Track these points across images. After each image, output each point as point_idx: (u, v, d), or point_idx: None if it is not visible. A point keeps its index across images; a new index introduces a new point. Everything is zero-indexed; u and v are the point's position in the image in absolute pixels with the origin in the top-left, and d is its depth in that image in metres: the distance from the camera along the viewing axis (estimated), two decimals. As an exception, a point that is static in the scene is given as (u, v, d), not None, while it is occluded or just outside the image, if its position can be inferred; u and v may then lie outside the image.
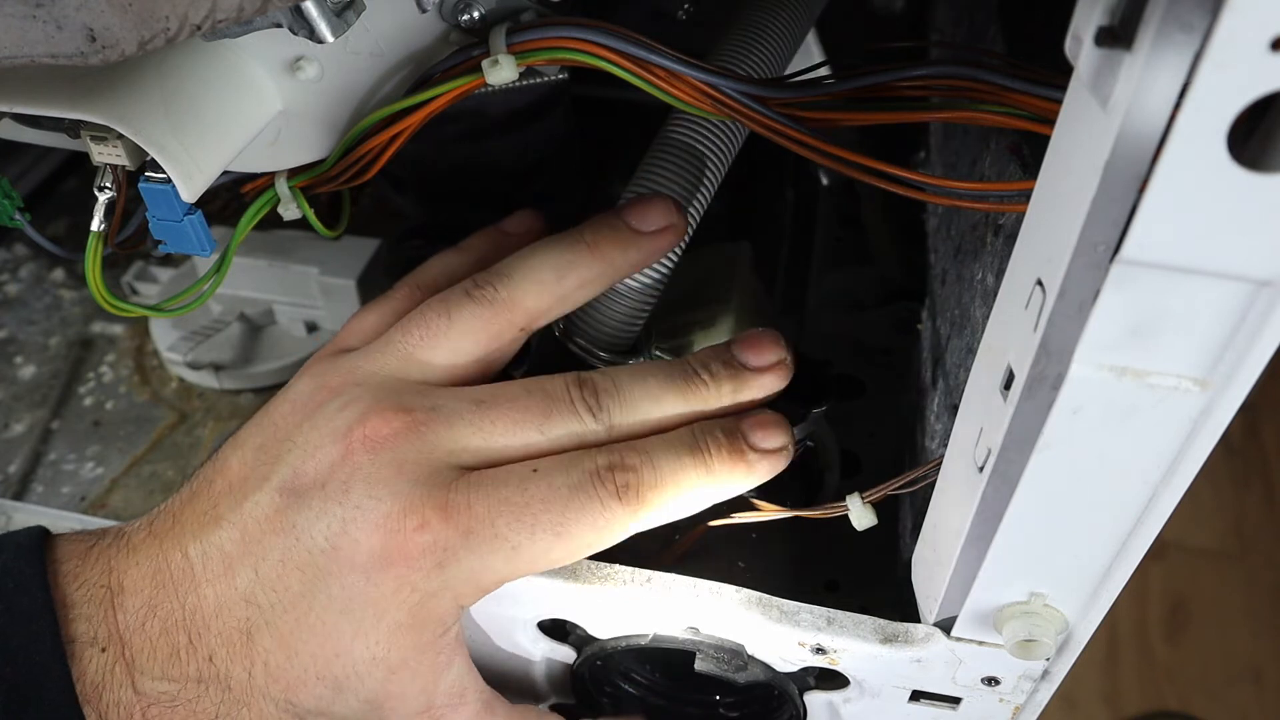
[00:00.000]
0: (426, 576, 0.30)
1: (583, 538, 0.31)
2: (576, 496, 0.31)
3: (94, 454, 0.51)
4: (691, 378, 0.34)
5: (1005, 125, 0.30)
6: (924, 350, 0.46)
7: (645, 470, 0.32)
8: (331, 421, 0.31)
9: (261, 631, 0.30)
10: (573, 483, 0.31)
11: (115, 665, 0.29)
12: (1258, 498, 1.39)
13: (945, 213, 0.45)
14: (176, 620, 0.30)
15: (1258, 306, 0.21)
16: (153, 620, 0.30)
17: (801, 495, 0.43)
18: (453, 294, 0.34)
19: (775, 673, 0.35)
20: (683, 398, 0.33)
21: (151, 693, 0.29)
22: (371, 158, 0.34)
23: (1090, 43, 0.20)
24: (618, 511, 0.31)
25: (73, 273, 0.61)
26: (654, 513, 0.32)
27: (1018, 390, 0.24)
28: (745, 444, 0.33)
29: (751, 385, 0.34)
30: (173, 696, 0.29)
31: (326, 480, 0.30)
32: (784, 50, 0.39)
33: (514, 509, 0.30)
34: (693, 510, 0.33)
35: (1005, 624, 0.30)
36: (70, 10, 0.22)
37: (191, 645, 0.30)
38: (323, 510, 0.30)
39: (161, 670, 0.29)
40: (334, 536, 0.29)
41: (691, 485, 0.32)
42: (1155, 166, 0.19)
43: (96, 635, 0.29)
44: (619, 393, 0.33)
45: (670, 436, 0.33)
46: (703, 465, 0.32)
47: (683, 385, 0.34)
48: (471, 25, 0.33)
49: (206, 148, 0.31)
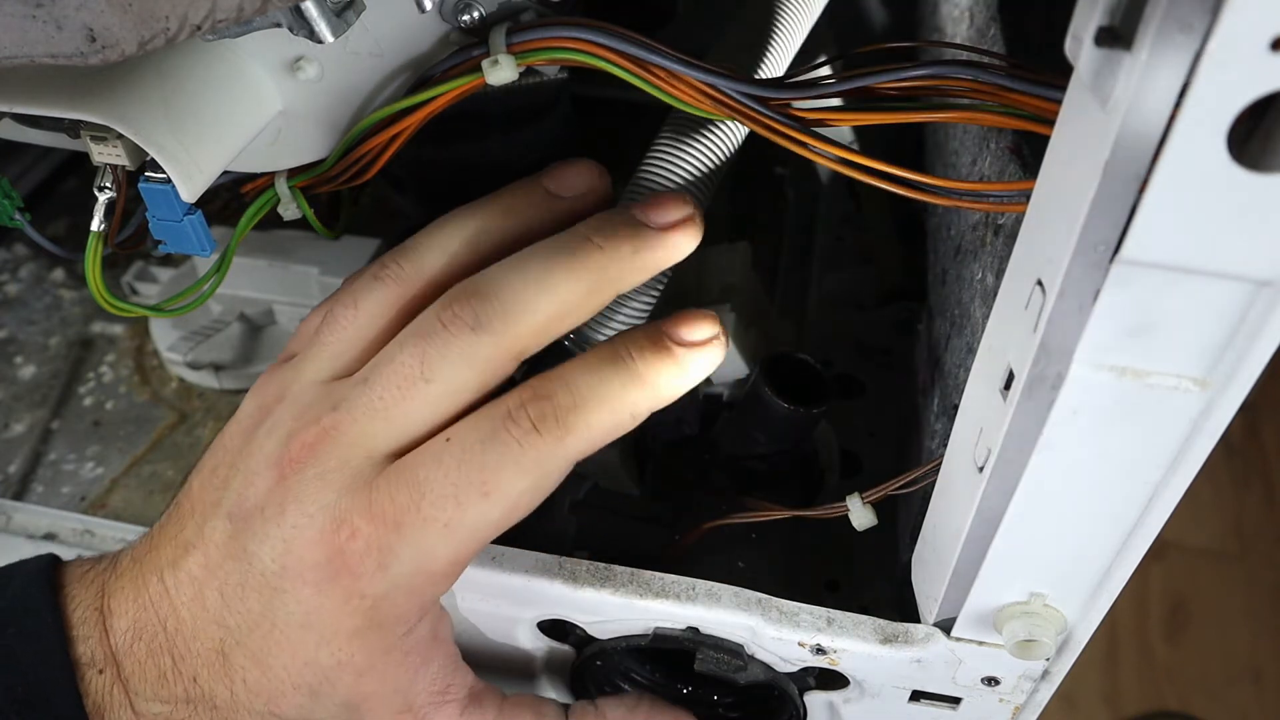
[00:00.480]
0: (371, 581, 0.29)
1: (513, 487, 0.29)
2: (492, 447, 0.29)
3: (94, 454, 0.51)
4: (581, 244, 0.31)
5: (1005, 125, 0.30)
6: (924, 350, 0.46)
7: (562, 395, 0.29)
8: (263, 448, 0.31)
9: (235, 651, 0.30)
10: (485, 435, 0.29)
11: (113, 687, 0.30)
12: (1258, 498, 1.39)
13: (945, 213, 0.45)
14: (160, 643, 0.30)
15: (1258, 306, 0.21)
16: (139, 643, 0.30)
17: (801, 495, 0.43)
18: (357, 279, 0.33)
19: (775, 673, 0.35)
20: (572, 272, 0.30)
21: (148, 713, 0.30)
22: (371, 158, 0.34)
23: (1090, 43, 0.20)
24: (540, 446, 0.29)
25: (73, 273, 0.61)
26: (584, 435, 0.30)
27: (1018, 390, 0.24)
28: (669, 340, 0.31)
29: (655, 245, 0.31)
30: (168, 718, 0.30)
31: (265, 504, 0.30)
32: (784, 50, 0.39)
33: (434, 486, 0.29)
34: (631, 425, 0.31)
35: (1005, 624, 0.30)
36: (70, 10, 0.22)
37: (176, 668, 0.30)
38: (265, 534, 0.30)
39: (153, 692, 0.30)
40: (280, 557, 0.29)
41: (619, 396, 0.30)
42: (1155, 166, 0.19)
43: (94, 657, 0.30)
44: (497, 293, 0.30)
45: (586, 354, 0.31)
46: (626, 371, 0.30)
47: (569, 258, 0.30)
48: (471, 25, 0.33)
49: (206, 148, 0.31)
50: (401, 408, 0.30)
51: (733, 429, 0.40)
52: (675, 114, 0.38)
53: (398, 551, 0.29)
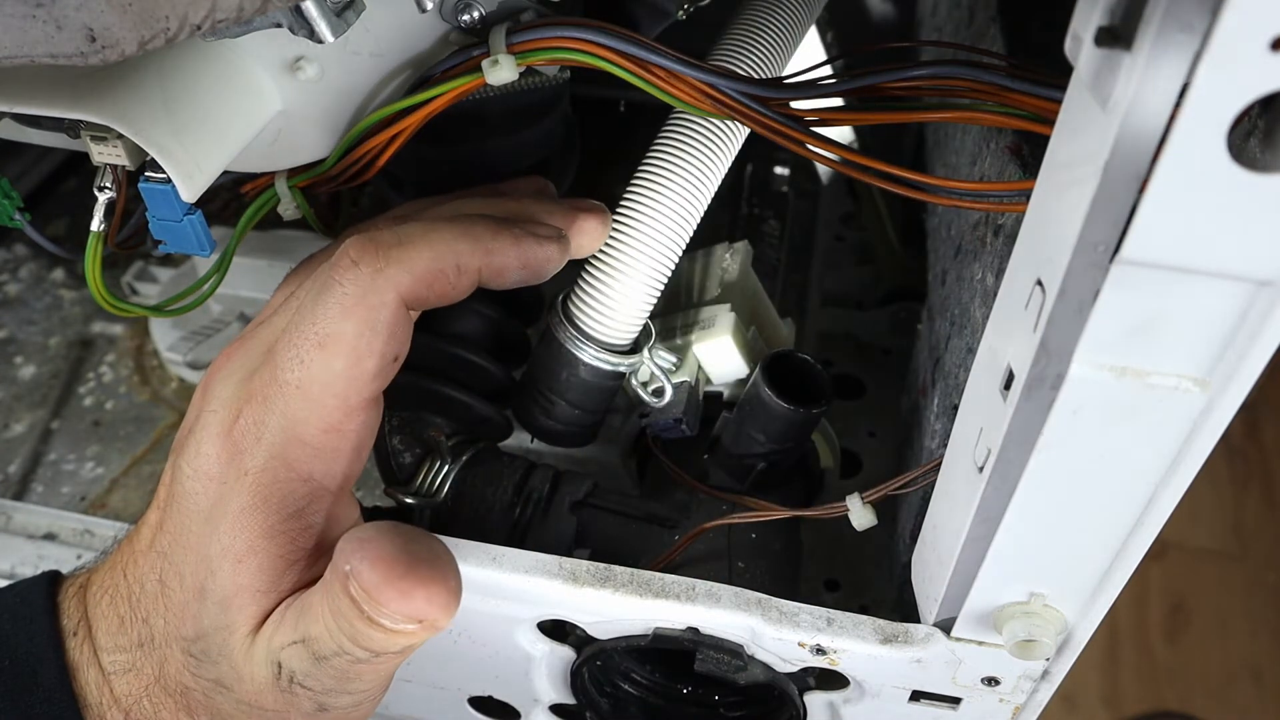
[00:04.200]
0: (252, 455, 0.30)
1: (343, 329, 0.29)
2: (321, 297, 0.30)
3: (94, 454, 0.51)
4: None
5: (1005, 125, 0.30)
6: (924, 350, 0.46)
7: (387, 235, 0.31)
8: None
9: (168, 572, 0.31)
10: (316, 288, 0.30)
11: (84, 645, 0.32)
12: (1258, 498, 1.39)
13: (945, 213, 0.45)
14: (122, 593, 0.32)
15: (1258, 306, 0.21)
16: (106, 598, 0.32)
17: (801, 495, 0.43)
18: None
19: (775, 673, 0.35)
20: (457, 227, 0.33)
21: (111, 666, 0.31)
22: (371, 158, 0.34)
23: (1090, 43, 0.20)
24: (360, 278, 0.30)
25: (73, 273, 0.61)
26: (405, 266, 0.30)
27: (1018, 390, 0.24)
28: (516, 226, 0.33)
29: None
30: (126, 666, 0.31)
31: (191, 425, 0.32)
32: (784, 50, 0.39)
33: (281, 349, 0.30)
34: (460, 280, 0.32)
35: (1005, 624, 0.30)
36: (70, 10, 0.22)
37: (132, 613, 0.32)
38: (185, 446, 0.31)
39: (113, 642, 0.31)
40: (193, 460, 0.31)
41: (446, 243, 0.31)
42: (1155, 166, 0.19)
43: (76, 628, 0.32)
44: (380, 236, 0.31)
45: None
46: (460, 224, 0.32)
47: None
48: (471, 25, 0.33)
49: (206, 148, 0.31)
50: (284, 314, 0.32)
51: (733, 429, 0.40)
52: (675, 114, 0.38)
53: (266, 420, 0.30)
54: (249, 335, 0.33)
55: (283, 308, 0.33)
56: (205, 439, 0.31)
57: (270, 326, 0.32)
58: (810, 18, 0.41)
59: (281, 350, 0.30)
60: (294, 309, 0.31)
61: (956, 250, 0.40)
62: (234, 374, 0.32)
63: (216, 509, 0.30)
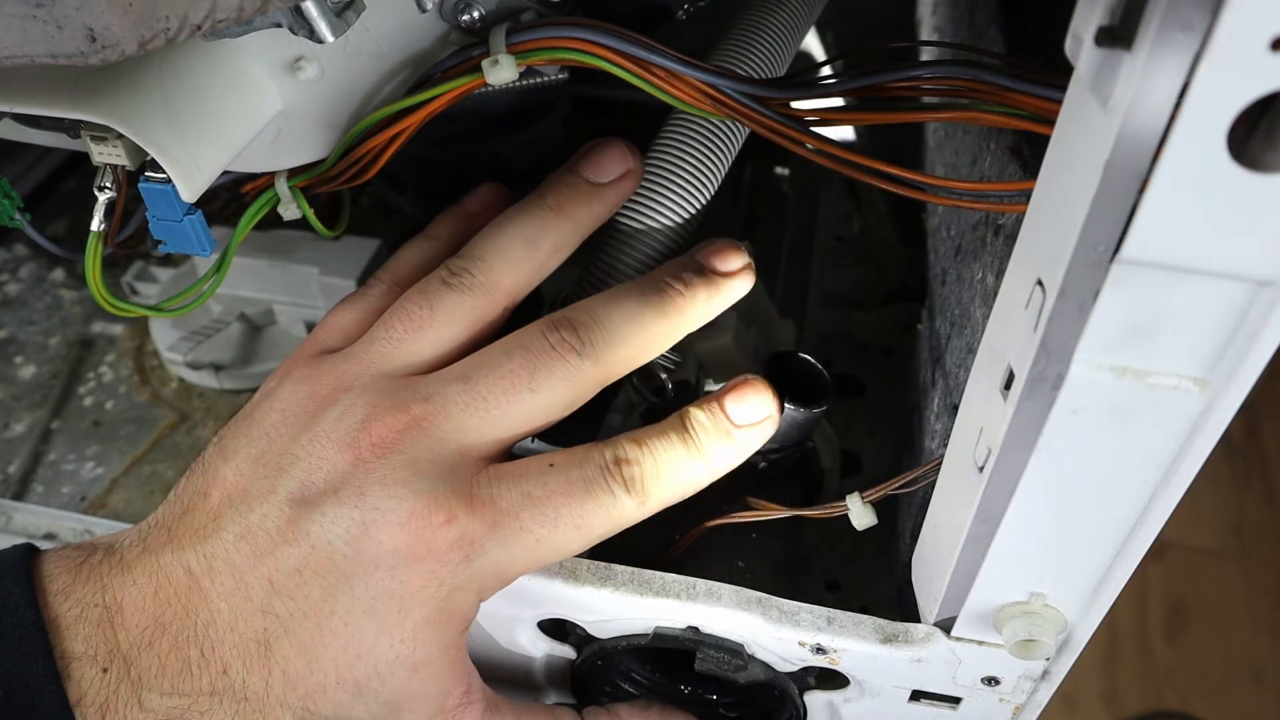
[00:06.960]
0: (454, 570, 0.30)
1: (598, 529, 0.32)
2: (593, 490, 0.32)
3: (94, 454, 0.51)
4: (665, 290, 0.34)
5: (1005, 125, 0.30)
6: (924, 350, 0.46)
7: (647, 462, 0.33)
8: (333, 432, 0.31)
9: (280, 640, 0.29)
10: (587, 476, 0.32)
11: (120, 685, 0.29)
12: (1258, 498, 1.39)
13: (945, 213, 0.45)
14: (188, 636, 0.29)
15: (1258, 306, 0.21)
16: (162, 638, 0.29)
17: (801, 495, 0.43)
18: (430, 284, 0.34)
19: (775, 672, 0.35)
20: (661, 312, 0.34)
21: (159, 708, 0.29)
22: (371, 158, 0.34)
23: (1090, 43, 0.20)
24: (627, 503, 0.32)
25: (73, 273, 0.61)
26: (658, 501, 0.33)
27: (1018, 390, 0.24)
28: (728, 421, 0.34)
29: (723, 290, 0.35)
30: (183, 710, 0.29)
31: (339, 487, 0.30)
32: (784, 50, 0.39)
33: (536, 503, 0.31)
34: (694, 490, 0.34)
35: (1005, 624, 0.30)
36: (70, 10, 0.22)
37: (204, 659, 0.29)
38: (338, 515, 0.30)
39: (171, 686, 0.29)
40: (354, 539, 0.29)
41: (688, 472, 0.33)
42: (1155, 166, 0.19)
43: (96, 654, 0.29)
44: (597, 324, 0.33)
45: (662, 425, 0.34)
46: (695, 449, 0.33)
47: (658, 300, 0.34)
48: (471, 25, 0.33)
49: (206, 148, 0.31)
50: (502, 410, 0.32)
51: (733, 429, 0.40)
52: (675, 114, 0.38)
53: (487, 549, 0.30)
54: (407, 402, 0.32)
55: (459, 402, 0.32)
56: (381, 525, 0.30)
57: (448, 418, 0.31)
58: (811, 18, 0.41)
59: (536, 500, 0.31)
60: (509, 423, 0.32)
61: (956, 250, 0.40)
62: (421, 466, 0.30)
63: (383, 605, 0.30)
